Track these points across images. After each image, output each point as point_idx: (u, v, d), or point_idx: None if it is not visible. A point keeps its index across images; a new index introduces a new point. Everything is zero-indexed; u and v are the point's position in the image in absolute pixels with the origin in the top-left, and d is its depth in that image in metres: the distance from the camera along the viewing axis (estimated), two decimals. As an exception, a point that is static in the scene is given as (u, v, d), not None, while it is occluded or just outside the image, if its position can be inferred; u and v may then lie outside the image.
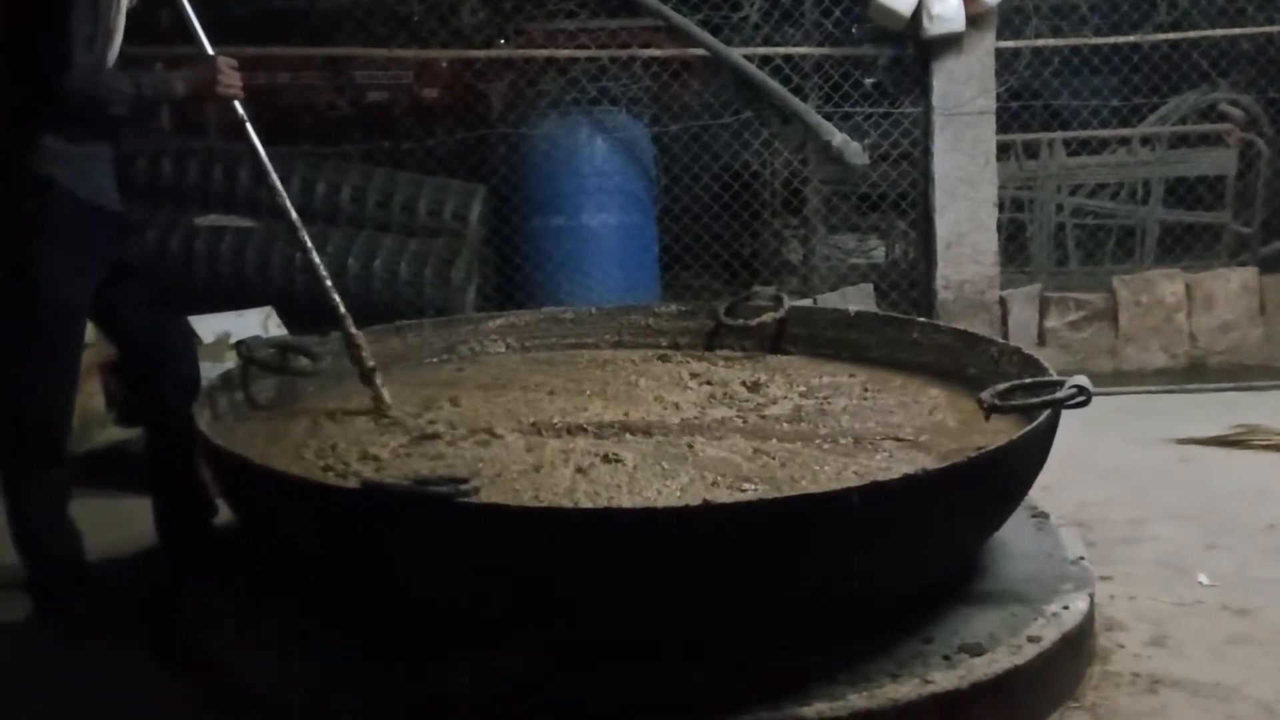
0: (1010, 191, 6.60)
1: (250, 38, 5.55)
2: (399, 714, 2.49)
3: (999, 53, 6.10)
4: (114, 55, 3.30)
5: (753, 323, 4.13)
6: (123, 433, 4.57)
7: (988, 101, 6.06)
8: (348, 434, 3.31)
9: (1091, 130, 6.76)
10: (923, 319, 4.32)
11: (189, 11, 3.48)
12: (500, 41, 6.61)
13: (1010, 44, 6.29)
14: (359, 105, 6.97)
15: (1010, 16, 6.39)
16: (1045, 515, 3.48)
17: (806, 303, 5.60)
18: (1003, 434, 2.95)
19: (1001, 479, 2.86)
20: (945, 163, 6.08)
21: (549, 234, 6.12)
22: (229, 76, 3.44)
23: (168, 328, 3.59)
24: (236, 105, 3.51)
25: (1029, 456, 2.92)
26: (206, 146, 6.09)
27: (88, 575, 3.44)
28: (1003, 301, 6.19)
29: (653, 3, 5.96)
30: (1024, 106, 6.62)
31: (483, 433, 3.25)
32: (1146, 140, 6.75)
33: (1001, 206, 6.27)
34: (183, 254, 5.74)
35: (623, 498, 2.76)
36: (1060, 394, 2.86)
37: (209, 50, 3.48)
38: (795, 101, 6.10)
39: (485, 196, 6.11)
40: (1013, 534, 3.23)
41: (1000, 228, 6.23)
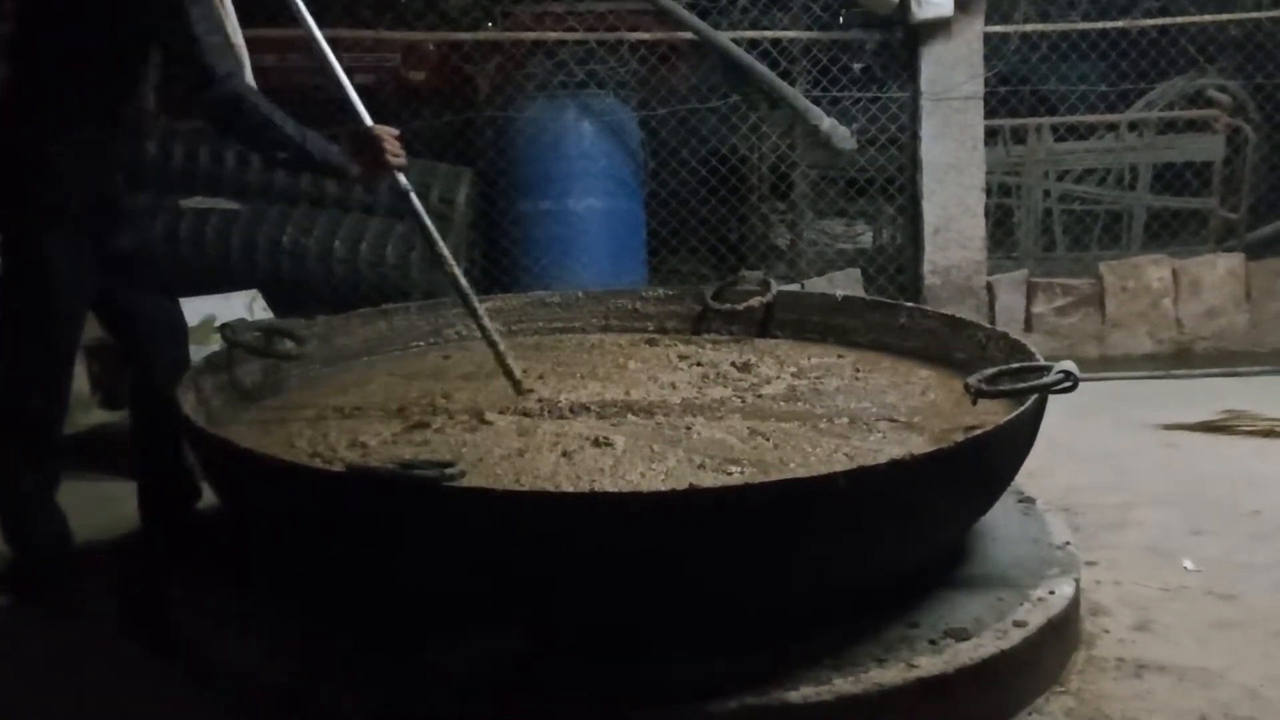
0: (998, 177, 6.61)
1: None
2: (384, 697, 2.48)
3: (987, 38, 6.09)
4: (249, 73, 3.18)
5: (740, 307, 4.12)
6: (107, 415, 4.55)
7: (976, 86, 6.04)
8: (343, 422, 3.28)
9: (1079, 116, 6.77)
10: (910, 304, 4.31)
11: (344, 81, 3.30)
12: (487, 24, 6.57)
13: (999, 29, 6.27)
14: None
15: (999, 1, 6.39)
16: (1031, 500, 3.48)
17: (794, 288, 5.59)
18: (996, 414, 2.95)
19: (988, 464, 2.85)
20: (933, 148, 6.08)
21: (536, 218, 6.09)
22: (394, 145, 3.30)
23: (169, 315, 3.56)
24: (399, 176, 3.36)
25: (1015, 442, 2.92)
26: (192, 128, 6.04)
27: (71, 558, 3.43)
28: (990, 287, 6.20)
29: (641, -14, 5.95)
30: (1012, 91, 6.62)
31: (473, 416, 3.23)
32: (1134, 126, 6.77)
33: (989, 192, 6.26)
34: (167, 236, 5.69)
35: (605, 481, 2.74)
36: (1047, 379, 2.85)
37: (368, 120, 3.30)
38: (783, 86, 6.09)
39: (472, 180, 6.07)
40: (999, 519, 3.23)
41: (988, 213, 6.23)
